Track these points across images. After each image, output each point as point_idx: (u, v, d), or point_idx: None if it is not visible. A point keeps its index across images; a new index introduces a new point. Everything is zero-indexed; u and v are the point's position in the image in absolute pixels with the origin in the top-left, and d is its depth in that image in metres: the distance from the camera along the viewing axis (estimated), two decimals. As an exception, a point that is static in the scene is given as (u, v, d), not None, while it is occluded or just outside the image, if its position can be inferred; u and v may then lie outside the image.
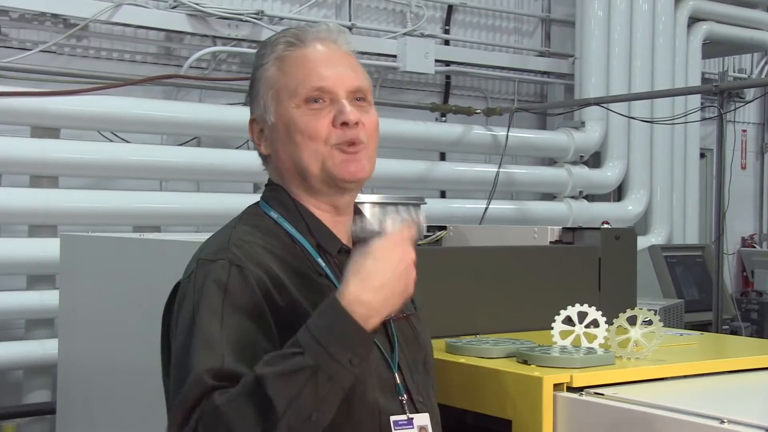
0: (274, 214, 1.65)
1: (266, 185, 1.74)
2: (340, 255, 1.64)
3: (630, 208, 6.62)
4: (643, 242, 6.06)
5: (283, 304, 1.52)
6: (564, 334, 2.02)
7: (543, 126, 6.91)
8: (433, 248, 2.75)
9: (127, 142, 4.95)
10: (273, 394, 1.33)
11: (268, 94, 1.66)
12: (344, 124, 1.61)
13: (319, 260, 1.62)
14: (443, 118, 6.36)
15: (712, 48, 7.49)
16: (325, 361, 1.35)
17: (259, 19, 5.44)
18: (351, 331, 1.38)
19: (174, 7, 5.27)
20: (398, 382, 1.60)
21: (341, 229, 1.68)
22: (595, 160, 6.65)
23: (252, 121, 1.71)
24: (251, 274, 1.52)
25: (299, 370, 1.35)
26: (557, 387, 1.71)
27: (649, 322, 1.96)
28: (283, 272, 1.56)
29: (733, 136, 7.89)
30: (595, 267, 2.55)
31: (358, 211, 1.74)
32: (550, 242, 2.66)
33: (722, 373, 1.66)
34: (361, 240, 1.51)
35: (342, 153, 1.62)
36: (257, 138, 1.70)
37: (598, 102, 5.92)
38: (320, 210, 1.66)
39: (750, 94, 7.76)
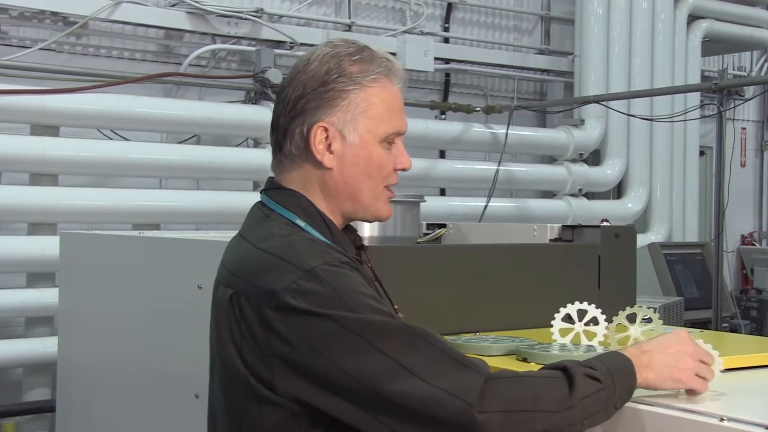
0: (301, 223, 1.68)
1: (277, 188, 1.73)
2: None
3: (629, 205, 6.63)
4: (642, 240, 6.06)
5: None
6: (563, 332, 2.02)
7: (542, 124, 6.90)
8: (432, 246, 2.75)
9: (127, 140, 4.95)
10: (578, 384, 1.52)
11: (364, 115, 1.68)
12: (402, 169, 1.76)
13: None
14: (443, 116, 6.36)
15: (712, 46, 7.49)
16: (610, 392, 1.55)
17: (259, 17, 5.44)
18: (632, 388, 1.58)
19: (173, 5, 5.27)
20: None
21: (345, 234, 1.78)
22: (594, 157, 6.65)
23: (320, 126, 1.67)
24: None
25: (595, 381, 1.54)
26: (557, 385, 1.71)
27: (649, 320, 1.96)
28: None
29: (732, 133, 7.88)
30: (595, 265, 2.55)
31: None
32: (550, 240, 2.65)
33: (721, 371, 1.66)
34: None
35: (388, 196, 1.76)
36: (323, 146, 1.68)
37: (597, 100, 5.92)
38: (335, 219, 1.73)
39: (749, 91, 7.72)
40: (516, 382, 1.53)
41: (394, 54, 5.89)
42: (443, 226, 2.92)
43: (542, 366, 1.64)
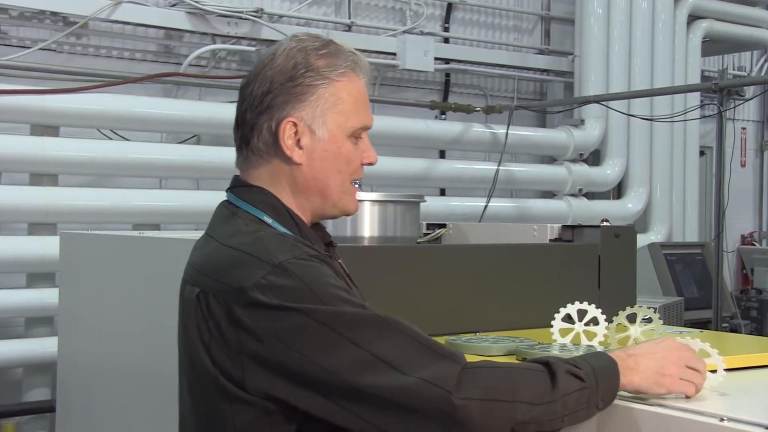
0: (268, 219, 1.66)
1: (243, 186, 1.71)
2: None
3: (629, 205, 6.63)
4: (642, 240, 6.05)
5: None
6: (564, 332, 2.02)
7: (542, 124, 6.90)
8: (432, 246, 2.75)
9: (127, 140, 4.95)
10: (560, 380, 1.52)
11: (333, 110, 1.67)
12: (368, 164, 1.74)
13: None
14: (443, 116, 6.35)
15: (712, 46, 7.49)
16: (592, 392, 1.55)
17: (259, 17, 5.44)
18: (615, 390, 1.58)
19: (173, 5, 5.27)
20: None
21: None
22: (594, 157, 6.65)
23: (289, 121, 1.66)
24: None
25: (578, 380, 1.54)
26: (557, 385, 1.71)
27: (649, 320, 1.96)
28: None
29: (732, 133, 7.88)
30: (595, 265, 2.55)
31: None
32: (550, 240, 2.65)
33: (725, 370, 1.66)
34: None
35: (354, 190, 1.74)
36: (292, 141, 1.66)
37: (597, 100, 5.92)
38: (303, 215, 1.71)
39: (749, 91, 7.73)
40: (496, 371, 1.52)
41: (394, 54, 5.93)
42: (443, 226, 2.93)
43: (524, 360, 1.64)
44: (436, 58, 6.10)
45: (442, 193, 6.33)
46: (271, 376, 1.49)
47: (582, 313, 2.02)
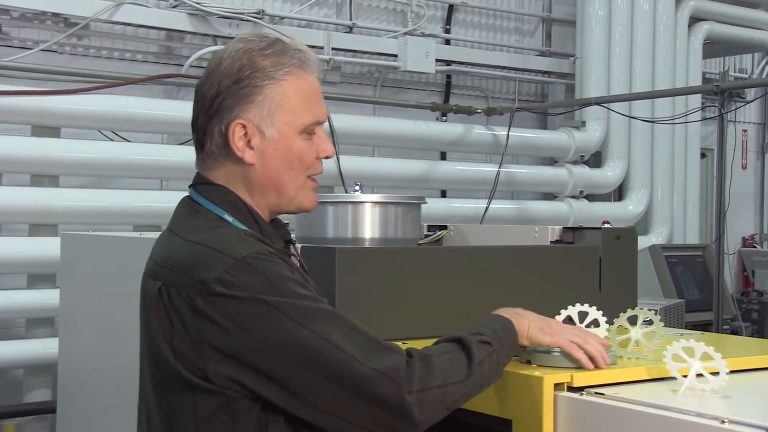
0: (228, 218, 1.69)
1: (205, 183, 1.73)
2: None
3: (630, 207, 6.63)
4: (643, 242, 6.06)
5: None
6: (564, 334, 2.01)
7: (544, 126, 6.91)
8: (433, 248, 2.75)
9: (128, 141, 4.95)
10: (475, 352, 1.65)
11: (280, 109, 1.68)
12: (326, 157, 1.76)
13: None
14: (444, 118, 6.36)
15: (713, 48, 7.50)
16: (500, 353, 1.70)
17: (260, 19, 5.44)
18: (515, 344, 1.77)
19: (175, 6, 5.27)
20: None
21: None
22: (595, 159, 6.65)
23: (238, 123, 1.67)
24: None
25: (487, 345, 1.68)
26: (558, 387, 1.71)
27: (650, 322, 1.96)
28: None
29: (733, 135, 7.88)
30: (596, 267, 2.54)
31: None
32: (551, 242, 2.65)
33: (728, 374, 1.66)
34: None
35: (312, 186, 1.76)
36: (243, 143, 1.68)
37: (598, 102, 5.92)
38: (261, 213, 1.74)
39: (751, 93, 7.76)
40: (424, 361, 1.60)
41: (395, 56, 5.93)
42: (444, 227, 2.92)
43: (438, 340, 1.71)
44: (437, 60, 6.10)
45: (443, 194, 6.33)
46: (233, 362, 1.54)
47: (583, 315, 2.01)
